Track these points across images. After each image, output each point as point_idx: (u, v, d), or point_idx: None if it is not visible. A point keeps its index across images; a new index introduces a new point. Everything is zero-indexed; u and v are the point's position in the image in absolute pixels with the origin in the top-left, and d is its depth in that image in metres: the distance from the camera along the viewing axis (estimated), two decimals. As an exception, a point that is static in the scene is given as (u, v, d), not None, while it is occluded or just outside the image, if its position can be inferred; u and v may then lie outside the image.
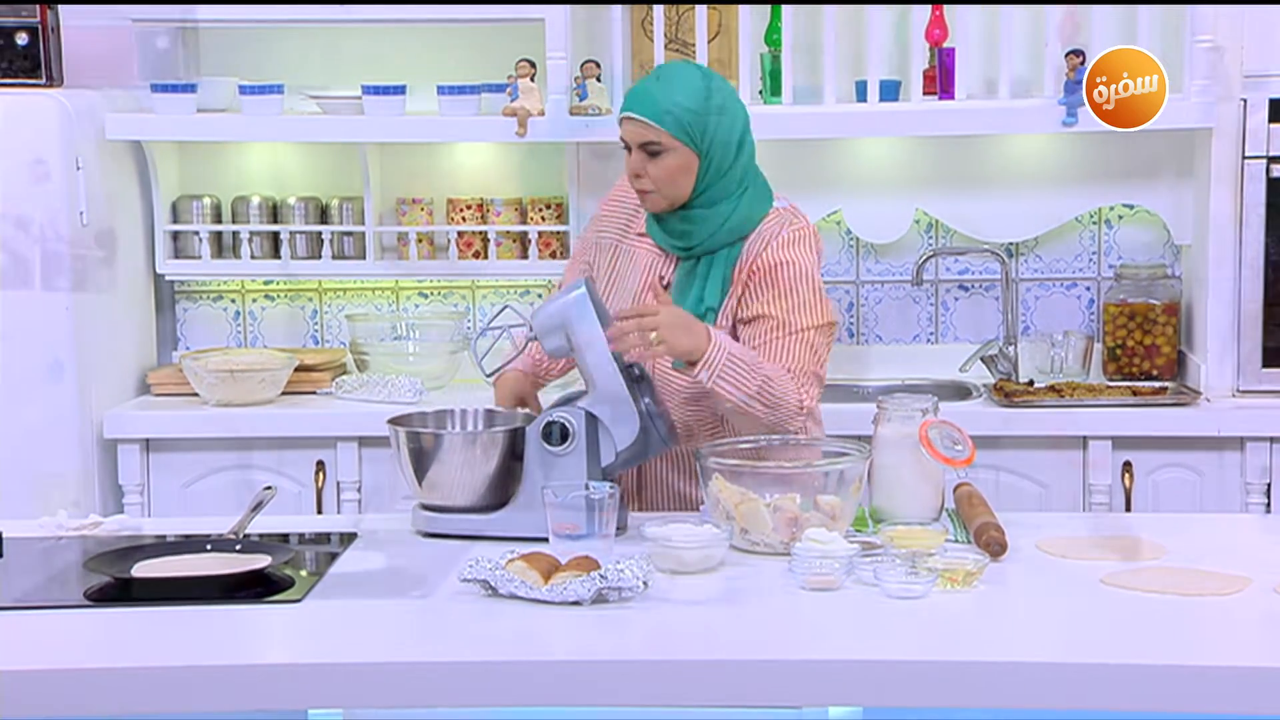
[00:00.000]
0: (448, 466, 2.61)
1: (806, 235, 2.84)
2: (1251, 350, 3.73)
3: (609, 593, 2.26)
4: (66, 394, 3.67)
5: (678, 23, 4.01)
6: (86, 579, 2.39)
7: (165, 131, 3.92)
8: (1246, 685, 2.03)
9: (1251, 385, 3.74)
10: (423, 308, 4.18)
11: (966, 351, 4.00)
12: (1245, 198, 3.71)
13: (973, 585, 2.34)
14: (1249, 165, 3.69)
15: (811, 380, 2.75)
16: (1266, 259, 3.71)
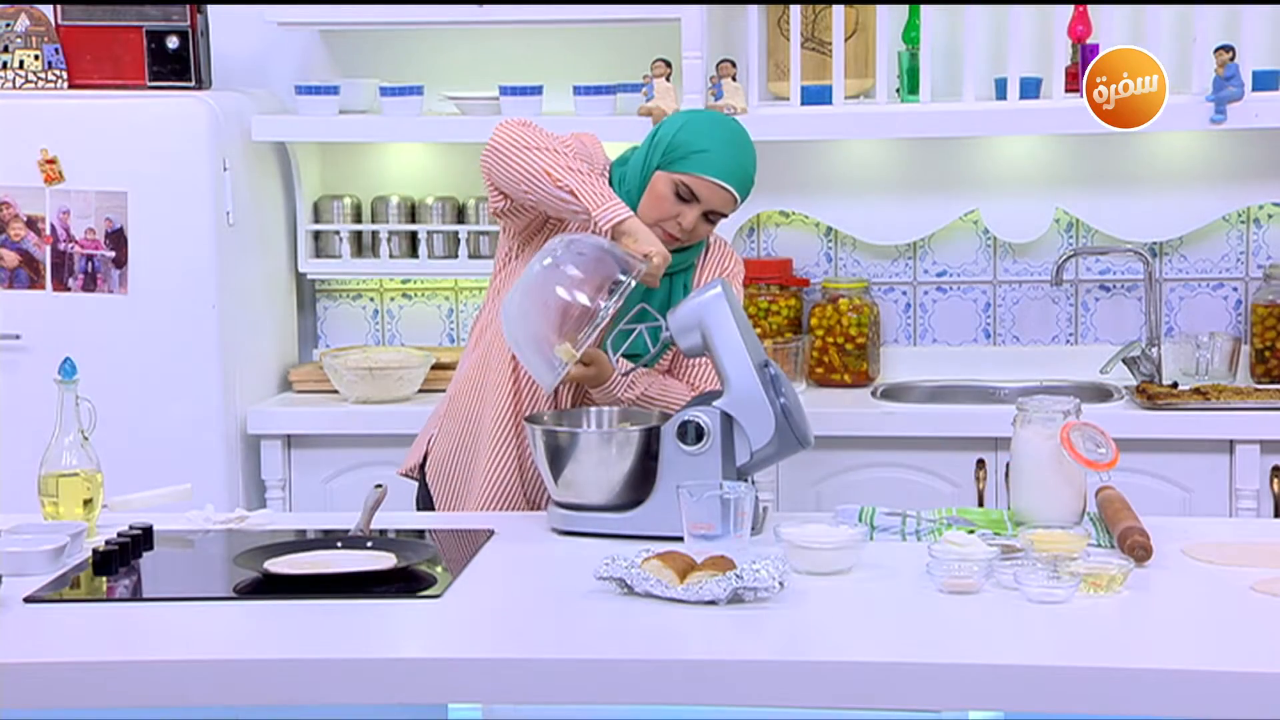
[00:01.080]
0: (583, 465, 2.62)
1: (741, 268, 2.97)
2: None
3: (744, 593, 2.26)
4: (212, 390, 3.76)
5: (814, 21, 3.99)
6: (234, 573, 2.44)
7: (308, 133, 3.99)
8: (1405, 698, 1.97)
9: (1407, 389, 3.63)
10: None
11: (1107, 353, 3.93)
12: (1402, 196, 3.59)
13: (1117, 591, 2.29)
14: (1406, 162, 3.59)
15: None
16: None
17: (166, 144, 3.73)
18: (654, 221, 2.76)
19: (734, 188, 2.78)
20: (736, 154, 2.79)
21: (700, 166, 2.76)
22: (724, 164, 2.77)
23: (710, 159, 2.76)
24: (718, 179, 2.77)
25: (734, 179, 2.78)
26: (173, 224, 3.73)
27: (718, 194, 2.78)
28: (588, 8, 3.83)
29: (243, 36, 4.11)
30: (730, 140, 2.81)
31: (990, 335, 4.11)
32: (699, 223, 2.79)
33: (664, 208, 2.77)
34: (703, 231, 2.81)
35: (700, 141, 2.77)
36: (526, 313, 2.66)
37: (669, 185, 2.78)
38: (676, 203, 2.77)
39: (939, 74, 3.87)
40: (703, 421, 2.60)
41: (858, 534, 2.45)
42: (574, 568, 2.43)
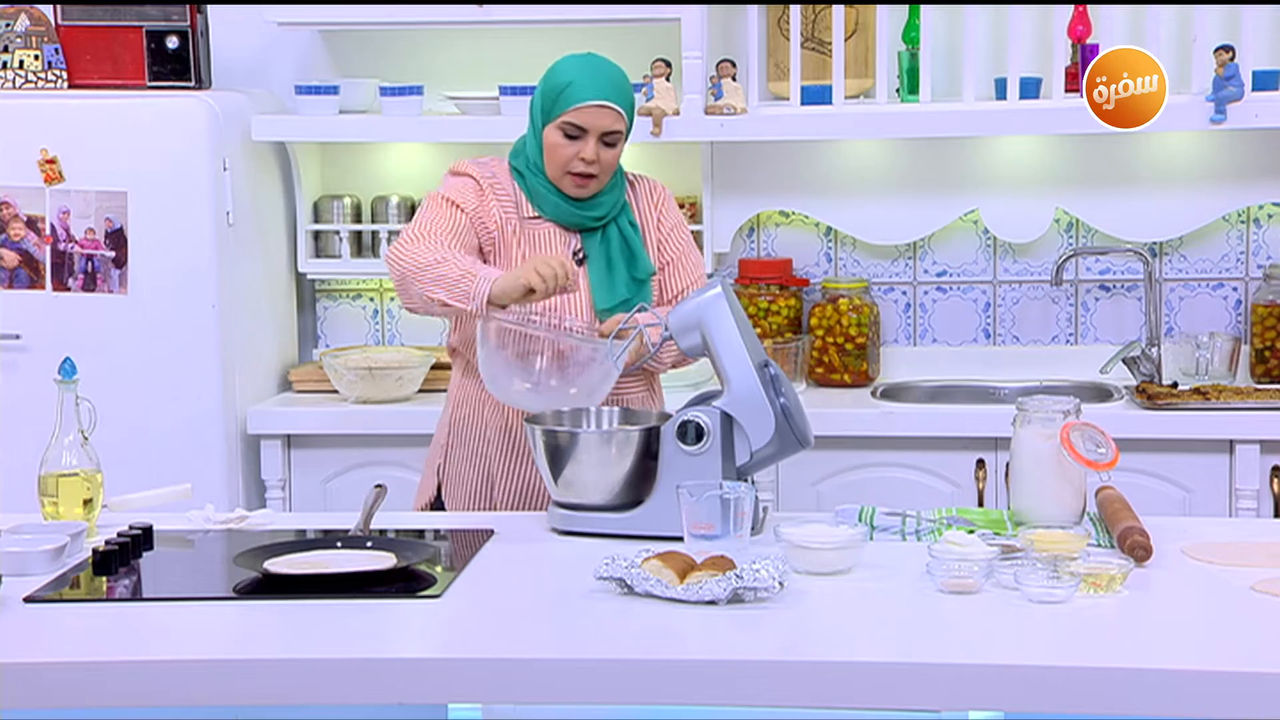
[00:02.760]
0: (583, 465, 2.62)
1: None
2: None
3: (744, 592, 2.26)
4: (212, 390, 3.76)
5: (814, 21, 3.99)
6: (234, 573, 2.44)
7: (308, 133, 3.99)
8: (1405, 698, 1.97)
9: (1407, 389, 3.62)
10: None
11: (1107, 353, 3.93)
12: (1402, 196, 3.59)
13: (1116, 590, 2.30)
14: (1406, 162, 3.59)
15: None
16: None
17: (166, 144, 3.73)
18: (561, 170, 2.86)
19: (612, 102, 2.86)
20: (599, 74, 2.87)
21: (572, 99, 2.84)
22: (592, 86, 2.85)
23: (577, 88, 2.85)
24: (592, 100, 2.84)
25: (608, 95, 2.85)
26: (172, 224, 3.73)
27: (601, 115, 2.84)
28: (588, 8, 3.83)
29: (242, 36, 4.11)
30: (588, 65, 2.89)
31: (990, 335, 4.11)
32: (600, 150, 2.85)
33: (563, 153, 2.86)
34: (609, 158, 2.88)
35: (562, 79, 2.87)
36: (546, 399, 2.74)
37: (557, 133, 2.86)
38: (571, 143, 2.85)
39: (939, 74, 3.87)
40: (703, 421, 2.60)
41: (858, 534, 2.45)
42: (574, 568, 2.43)
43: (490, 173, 2.96)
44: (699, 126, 3.82)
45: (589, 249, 2.92)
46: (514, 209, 2.93)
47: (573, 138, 2.85)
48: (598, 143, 2.85)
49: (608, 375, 2.73)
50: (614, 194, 2.94)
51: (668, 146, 3.91)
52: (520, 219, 2.92)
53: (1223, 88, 3.62)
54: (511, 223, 2.92)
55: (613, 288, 2.89)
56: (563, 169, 2.87)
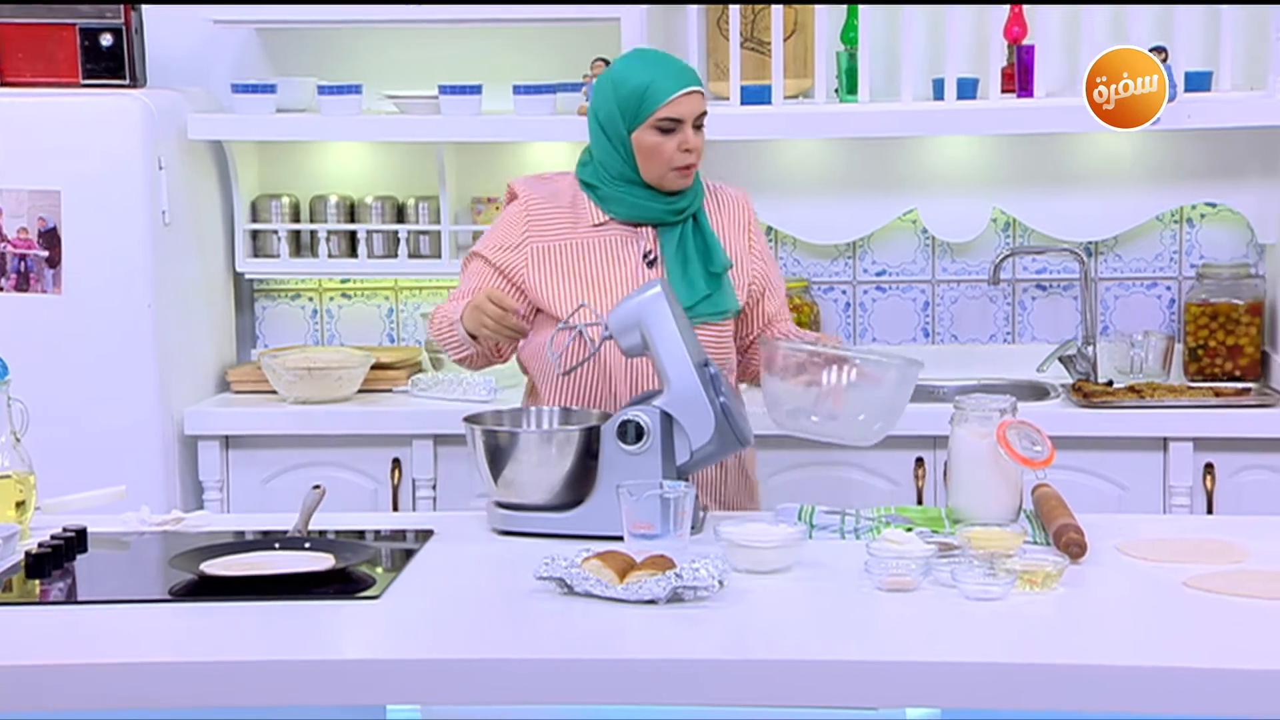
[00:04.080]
0: (523, 465, 2.62)
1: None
2: (1337, 351, 3.67)
3: (684, 592, 2.26)
4: (148, 391, 3.72)
5: (753, 21, 4.01)
6: (170, 575, 2.42)
7: (245, 131, 3.96)
8: (1333, 692, 2.00)
9: (1337, 387, 3.68)
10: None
11: (1044, 351, 3.97)
12: (1331, 196, 3.65)
13: (1052, 587, 2.32)
14: (1335, 163, 3.64)
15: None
16: (1353, 258, 3.66)
17: (101, 142, 3.69)
18: (665, 168, 2.84)
19: (693, 85, 2.86)
20: (669, 64, 2.88)
21: (659, 96, 2.82)
22: (672, 78, 2.84)
23: (660, 85, 2.83)
24: (680, 91, 2.83)
25: (689, 80, 2.85)
26: (107, 223, 3.69)
27: (691, 102, 2.84)
28: (528, 7, 3.82)
29: (178, 35, 4.07)
30: (655, 61, 2.89)
31: (929, 334, 4.14)
32: (696, 136, 2.84)
33: (664, 151, 2.83)
34: (700, 142, 2.86)
35: (638, 82, 2.84)
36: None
37: (652, 133, 2.83)
38: (669, 138, 2.83)
39: (877, 74, 3.89)
40: (642, 421, 2.60)
41: (797, 533, 2.46)
42: (514, 568, 2.43)
43: (547, 191, 2.94)
44: (639, 126, 3.81)
45: (665, 247, 2.88)
46: (573, 222, 2.90)
47: (669, 132, 2.82)
48: (692, 128, 2.84)
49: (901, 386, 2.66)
50: (696, 185, 2.92)
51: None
52: (575, 231, 2.89)
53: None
54: (571, 236, 2.89)
55: (691, 284, 2.86)
56: (667, 166, 2.84)
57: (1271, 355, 3.87)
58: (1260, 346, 3.90)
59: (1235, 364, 3.89)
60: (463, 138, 3.95)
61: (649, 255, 2.88)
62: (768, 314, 2.99)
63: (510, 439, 2.64)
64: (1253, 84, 3.82)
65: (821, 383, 2.64)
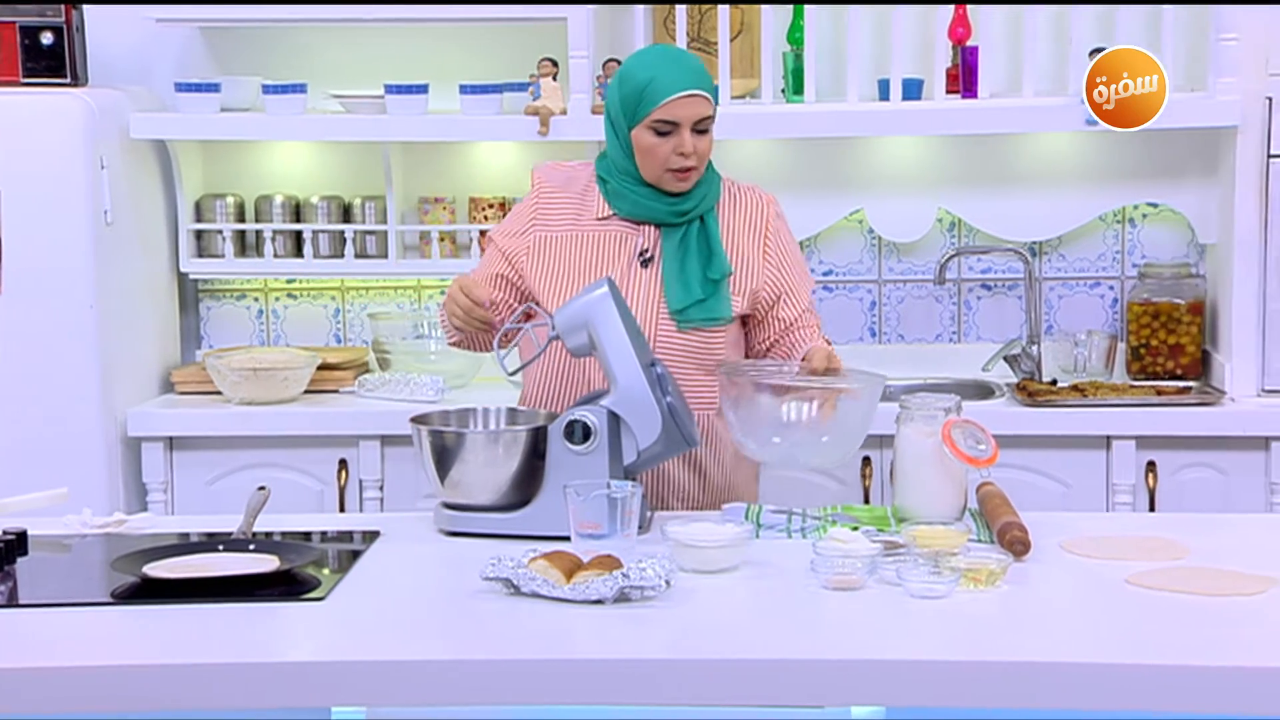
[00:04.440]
0: (470, 465, 2.61)
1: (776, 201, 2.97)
2: (1276, 349, 3.71)
3: (631, 591, 2.26)
4: (91, 392, 3.69)
5: (700, 21, 4.01)
6: (112, 578, 2.40)
7: (189, 131, 3.94)
8: (1273, 686, 2.02)
9: (1276, 384, 3.72)
10: (445, 306, 4.18)
11: (989, 351, 3.99)
12: (1271, 196, 3.69)
13: (996, 585, 2.33)
14: (1274, 164, 3.67)
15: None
16: (1292, 258, 3.70)
17: (41, 142, 3.65)
18: (661, 169, 2.79)
19: (697, 89, 2.78)
20: (677, 64, 2.80)
21: (657, 95, 2.77)
22: (674, 78, 2.77)
23: (660, 84, 2.77)
24: (678, 93, 2.77)
25: (691, 83, 2.78)
26: (48, 223, 3.65)
27: (689, 105, 2.77)
28: (474, 7, 3.81)
29: (120, 33, 4.04)
30: (663, 58, 2.83)
31: (876, 334, 4.16)
32: (696, 140, 2.78)
33: (659, 152, 2.78)
34: (704, 147, 2.80)
35: (640, 78, 2.79)
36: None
37: (648, 133, 2.78)
38: (665, 140, 2.78)
39: (823, 74, 3.90)
40: (589, 421, 2.60)
41: (744, 532, 2.47)
42: (460, 568, 2.42)
43: (562, 179, 2.91)
44: (587, 125, 3.82)
45: (665, 246, 2.83)
46: (579, 214, 2.87)
47: (665, 134, 2.77)
48: (691, 133, 2.78)
49: (865, 417, 2.65)
50: (705, 187, 2.85)
51: (555, 145, 3.90)
52: (580, 223, 2.86)
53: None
54: (575, 227, 2.86)
55: (687, 287, 2.80)
56: (662, 167, 2.79)
57: (1212, 354, 3.91)
58: (1201, 345, 3.94)
59: (1177, 363, 3.93)
60: (409, 137, 3.94)
61: (644, 254, 2.84)
62: (784, 320, 2.88)
63: (457, 439, 2.63)
64: (1193, 85, 3.86)
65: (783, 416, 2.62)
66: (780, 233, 2.91)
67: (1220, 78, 3.68)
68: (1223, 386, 3.76)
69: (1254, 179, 3.70)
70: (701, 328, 2.81)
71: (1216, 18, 3.69)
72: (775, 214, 2.92)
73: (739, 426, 2.67)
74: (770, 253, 2.89)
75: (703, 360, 2.82)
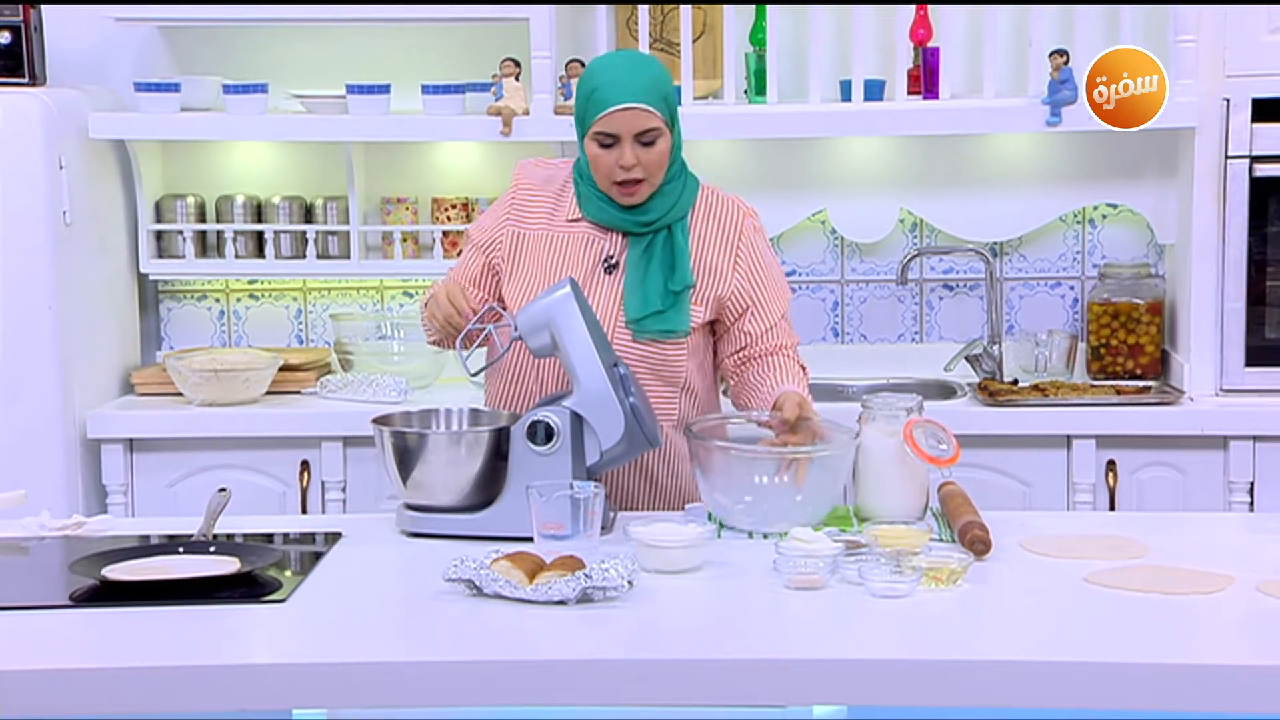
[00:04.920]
0: (432, 466, 2.61)
1: (756, 215, 2.93)
2: (1235, 349, 3.74)
3: (594, 592, 2.26)
4: (49, 394, 3.66)
5: (662, 22, 4.02)
6: (71, 580, 2.38)
7: (149, 130, 3.91)
8: (1230, 683, 2.04)
9: (1235, 384, 3.75)
10: (407, 307, 4.17)
11: (951, 351, 4.01)
12: (1228, 197, 3.72)
13: (957, 584, 2.34)
14: (1232, 165, 3.70)
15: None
16: (1249, 258, 3.72)
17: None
18: (607, 181, 2.76)
19: (639, 101, 2.73)
20: (623, 73, 2.76)
21: (598, 107, 2.74)
22: (615, 89, 2.73)
23: (601, 94, 2.74)
24: (616, 105, 2.72)
25: (632, 95, 2.72)
26: (6, 224, 3.62)
27: (629, 118, 2.72)
28: (436, 7, 3.80)
29: (79, 32, 4.01)
30: (612, 66, 2.80)
31: (838, 334, 4.17)
32: (639, 152, 2.74)
33: (603, 164, 2.75)
34: (650, 159, 2.74)
35: (587, 86, 2.76)
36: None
37: (593, 144, 2.76)
38: (608, 152, 2.75)
39: (785, 75, 3.91)
40: (552, 421, 2.60)
41: (706, 532, 2.47)
42: (422, 570, 2.42)
43: (541, 177, 2.89)
44: (549, 126, 3.81)
45: (630, 254, 2.81)
46: (553, 213, 2.86)
47: (607, 146, 2.74)
48: (634, 145, 2.73)
49: (837, 474, 2.62)
50: (670, 198, 2.80)
51: (518, 146, 3.90)
52: (552, 224, 2.85)
53: (1058, 91, 3.71)
54: (547, 227, 2.85)
55: (645, 298, 2.78)
56: (608, 179, 2.76)
57: (1171, 354, 3.94)
58: (1160, 345, 3.96)
59: (1136, 362, 3.95)
60: (371, 137, 3.93)
61: (609, 261, 2.82)
62: (750, 335, 2.85)
63: (419, 440, 2.62)
64: (1152, 87, 3.88)
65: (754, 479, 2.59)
66: (755, 245, 2.87)
67: (1178, 79, 3.70)
68: (1182, 386, 3.78)
69: (1212, 180, 3.73)
70: (658, 339, 2.80)
71: (1175, 20, 3.72)
72: (753, 227, 2.89)
73: (708, 487, 2.64)
74: (741, 263, 2.85)
75: (660, 370, 2.82)
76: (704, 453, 2.64)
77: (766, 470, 2.59)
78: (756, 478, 2.59)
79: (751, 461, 2.60)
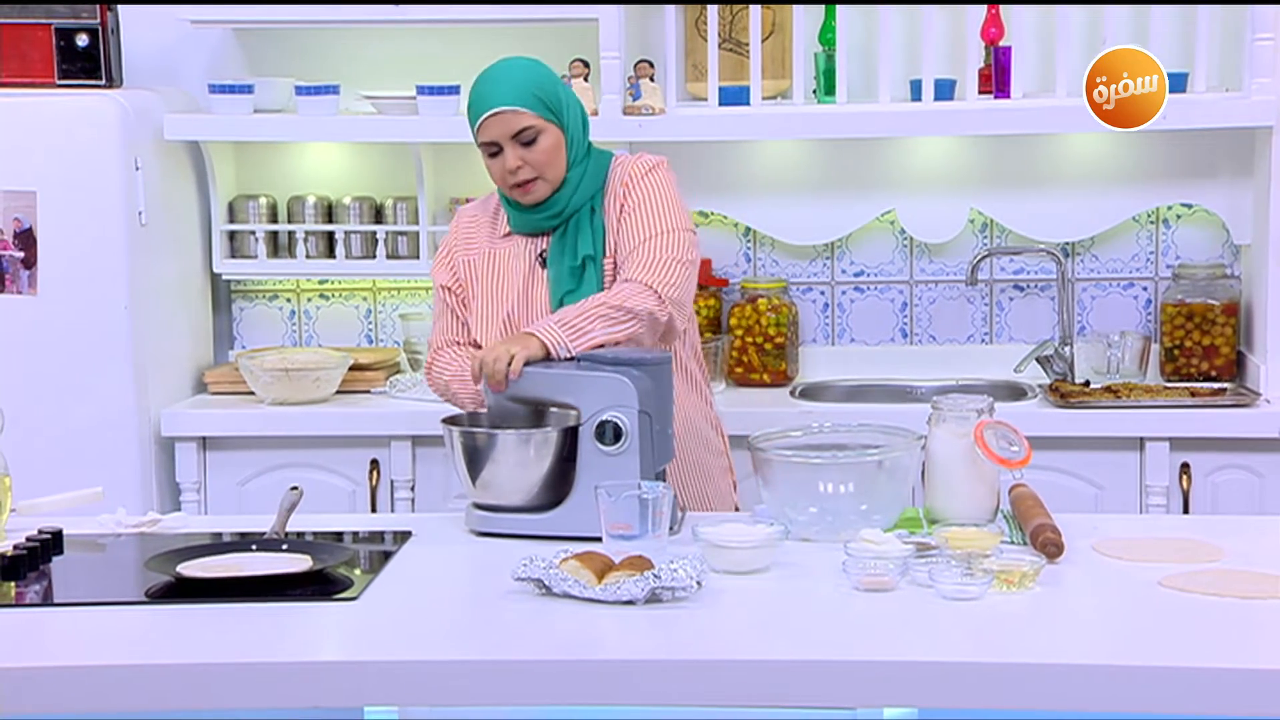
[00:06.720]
0: (501, 466, 2.62)
1: (660, 162, 2.93)
2: (1311, 351, 3.69)
3: (662, 592, 2.26)
4: (124, 392, 3.71)
5: (731, 22, 4.01)
6: (146, 577, 2.41)
7: (222, 132, 3.95)
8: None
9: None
10: (476, 307, 4.19)
11: (1021, 352, 3.98)
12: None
13: (1029, 587, 2.32)
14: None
15: (672, 268, 2.80)
16: (1327, 259, 3.67)
17: (76, 143, 3.68)
18: (504, 185, 2.85)
19: (505, 105, 2.80)
20: (489, 82, 2.84)
21: (473, 119, 2.84)
22: (481, 99, 2.83)
23: (472, 106, 2.84)
24: (485, 113, 2.81)
25: (496, 100, 2.80)
26: (83, 224, 3.68)
27: (499, 122, 2.80)
28: (506, 7, 3.82)
29: (154, 34, 4.06)
30: (482, 77, 2.87)
31: (907, 335, 4.15)
32: (522, 153, 2.81)
33: (495, 171, 2.85)
34: (536, 157, 2.81)
35: (471, 97, 2.86)
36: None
37: (485, 155, 2.85)
38: (496, 160, 2.83)
39: (855, 75, 3.90)
40: (621, 422, 2.60)
41: (775, 533, 2.47)
42: (492, 569, 2.42)
43: (480, 205, 2.99)
44: (617, 127, 3.82)
45: (551, 249, 2.89)
46: (490, 233, 2.95)
47: (495, 154, 2.83)
48: (515, 147, 2.81)
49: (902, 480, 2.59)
50: (570, 187, 2.86)
51: (586, 147, 3.91)
52: (492, 242, 2.94)
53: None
54: (489, 244, 2.94)
55: (557, 281, 2.86)
56: (504, 185, 2.85)
57: (1247, 355, 3.89)
58: (1236, 347, 3.91)
59: (1211, 364, 3.90)
60: (440, 138, 3.95)
61: (542, 254, 2.90)
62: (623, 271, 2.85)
63: (488, 440, 2.63)
64: (1228, 85, 3.83)
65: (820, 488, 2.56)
66: (640, 189, 2.86)
67: (1255, 78, 3.65)
68: (1257, 388, 3.73)
69: (1289, 179, 3.68)
70: None
71: (1252, 17, 3.67)
72: (632, 172, 2.87)
73: (772, 498, 2.61)
74: (626, 212, 2.86)
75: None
76: (765, 464, 2.62)
77: (831, 478, 2.57)
78: (821, 485, 2.57)
79: (816, 469, 2.58)
